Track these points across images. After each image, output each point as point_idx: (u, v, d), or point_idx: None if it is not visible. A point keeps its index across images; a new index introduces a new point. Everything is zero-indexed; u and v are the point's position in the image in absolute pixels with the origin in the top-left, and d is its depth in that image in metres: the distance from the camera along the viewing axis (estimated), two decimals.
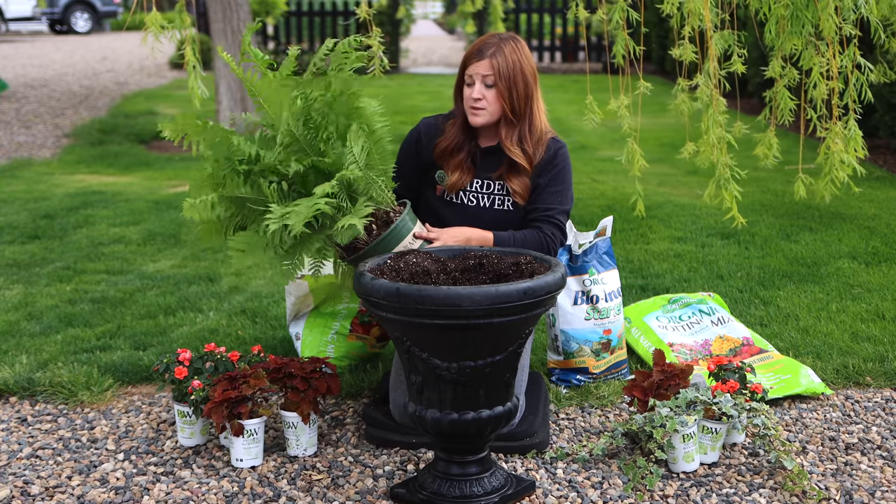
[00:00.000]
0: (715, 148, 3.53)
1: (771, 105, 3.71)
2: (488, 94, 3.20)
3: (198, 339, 4.00)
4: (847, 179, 3.53)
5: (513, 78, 3.18)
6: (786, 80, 3.64)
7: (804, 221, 5.85)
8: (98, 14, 27.04)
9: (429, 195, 3.35)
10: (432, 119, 3.41)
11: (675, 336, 3.79)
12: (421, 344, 2.65)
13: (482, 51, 3.19)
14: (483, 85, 3.19)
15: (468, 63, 3.22)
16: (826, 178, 3.58)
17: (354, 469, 3.04)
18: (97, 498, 2.86)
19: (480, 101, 3.19)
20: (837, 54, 3.49)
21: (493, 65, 3.17)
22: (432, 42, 24.92)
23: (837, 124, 3.57)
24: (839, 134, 3.55)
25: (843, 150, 3.55)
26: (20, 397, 3.56)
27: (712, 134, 3.54)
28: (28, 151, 8.94)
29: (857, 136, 3.56)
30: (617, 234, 5.65)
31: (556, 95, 12.74)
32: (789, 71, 3.62)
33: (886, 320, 4.18)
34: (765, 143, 3.71)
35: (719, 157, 3.55)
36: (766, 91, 3.76)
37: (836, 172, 3.57)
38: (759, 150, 3.73)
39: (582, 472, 3.00)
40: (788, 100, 3.64)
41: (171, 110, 11.25)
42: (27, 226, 5.97)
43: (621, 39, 3.62)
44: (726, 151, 3.55)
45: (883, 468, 3.03)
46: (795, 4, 3.39)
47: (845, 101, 3.55)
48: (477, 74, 3.20)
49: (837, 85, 3.51)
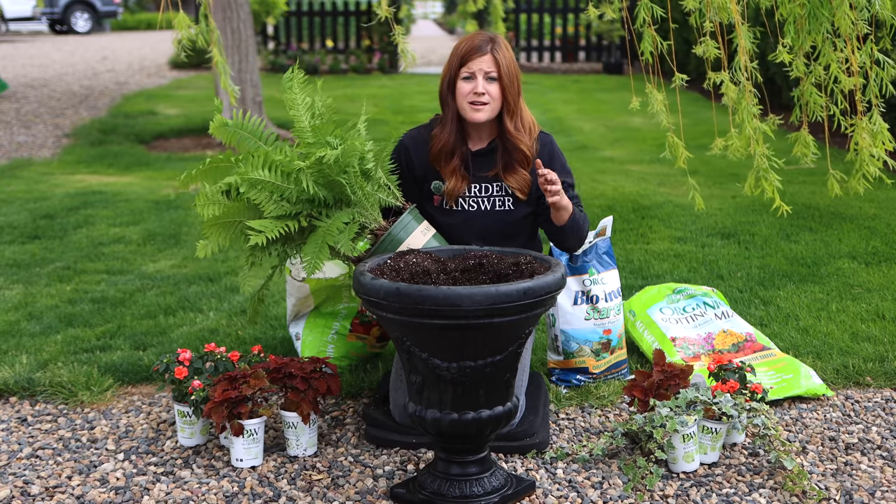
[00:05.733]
0: (752, 140, 3.53)
1: (800, 103, 3.70)
2: (491, 89, 3.20)
3: (198, 339, 4.00)
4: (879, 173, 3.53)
5: (511, 72, 3.22)
6: (811, 77, 3.64)
7: (804, 221, 5.85)
8: (98, 14, 27.05)
9: (427, 207, 3.34)
10: (415, 131, 3.40)
11: (679, 329, 3.79)
12: (421, 344, 2.65)
13: (481, 46, 3.19)
14: (485, 80, 3.20)
15: (468, 59, 3.20)
16: (858, 174, 3.58)
17: (354, 469, 3.04)
18: (97, 498, 2.86)
19: (484, 96, 3.20)
20: (856, 50, 3.49)
21: (497, 59, 3.18)
22: (432, 42, 24.92)
23: (863, 119, 3.57)
24: (866, 129, 3.55)
25: (871, 144, 3.55)
26: (20, 397, 3.56)
27: (748, 126, 3.53)
28: (28, 151, 8.94)
29: (882, 128, 3.56)
30: (617, 234, 5.65)
31: (556, 95, 12.74)
32: (815, 68, 3.62)
33: (886, 320, 4.18)
34: (801, 142, 3.70)
35: (756, 147, 3.54)
36: (794, 90, 3.76)
37: (867, 168, 3.57)
38: (797, 150, 3.73)
39: (582, 472, 3.00)
40: (817, 97, 3.63)
41: (171, 110, 11.25)
42: (27, 226, 5.97)
43: (648, 36, 3.60)
44: (762, 142, 3.55)
45: (883, 468, 3.03)
46: (812, 2, 3.40)
47: (868, 96, 3.55)
48: (479, 70, 3.19)
49: (859, 81, 3.51)
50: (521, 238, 3.34)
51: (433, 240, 3.12)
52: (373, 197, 3.03)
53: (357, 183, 2.97)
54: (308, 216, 2.99)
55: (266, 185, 2.92)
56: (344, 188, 2.95)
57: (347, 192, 2.96)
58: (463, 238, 3.26)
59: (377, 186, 3.07)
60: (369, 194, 3.02)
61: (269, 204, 2.93)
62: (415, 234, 3.07)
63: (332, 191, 2.97)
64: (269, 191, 2.93)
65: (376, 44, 16.26)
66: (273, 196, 2.94)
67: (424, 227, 3.12)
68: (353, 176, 2.95)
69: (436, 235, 3.13)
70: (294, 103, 3.12)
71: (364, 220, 3.03)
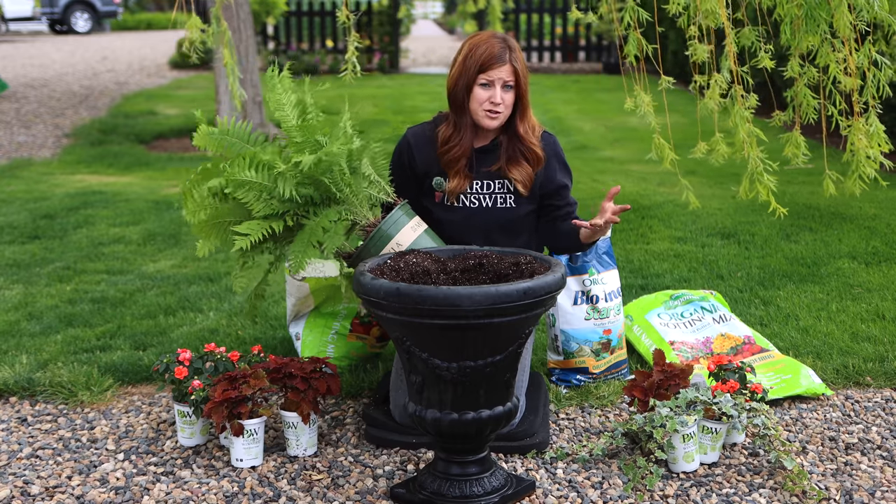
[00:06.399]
0: (745, 143, 3.54)
1: (793, 104, 3.71)
2: (507, 97, 3.21)
3: (198, 339, 4.00)
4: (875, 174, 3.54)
5: (526, 78, 3.25)
6: (805, 78, 3.64)
7: (804, 221, 5.85)
8: (98, 14, 27.05)
9: (428, 204, 3.33)
10: (418, 128, 3.39)
11: (677, 334, 3.79)
12: (421, 344, 2.65)
13: (500, 55, 3.19)
14: (502, 89, 3.21)
15: (488, 67, 3.18)
16: (854, 175, 3.59)
17: (354, 469, 3.04)
18: (97, 498, 2.86)
19: (500, 106, 3.21)
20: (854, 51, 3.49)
21: (516, 70, 3.20)
22: (432, 42, 24.92)
23: (860, 120, 3.57)
24: (862, 130, 3.55)
25: (867, 145, 3.56)
26: (20, 397, 3.56)
27: (741, 130, 3.54)
28: (28, 151, 8.94)
29: (878, 130, 3.56)
30: (617, 234, 5.66)
31: (556, 95, 12.74)
32: (808, 69, 3.62)
33: (886, 320, 4.18)
34: (792, 142, 3.70)
35: (750, 151, 3.55)
36: (787, 91, 3.76)
37: (863, 169, 3.57)
38: (788, 151, 3.73)
39: (582, 472, 3.01)
40: (811, 98, 3.63)
41: (171, 110, 11.25)
42: (27, 226, 5.97)
43: (633, 39, 3.61)
44: (755, 145, 3.56)
45: (883, 468, 3.03)
46: (809, 3, 3.40)
47: (865, 97, 3.55)
48: (499, 79, 3.19)
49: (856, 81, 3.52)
50: (524, 235, 3.34)
51: (425, 234, 3.11)
52: (362, 193, 3.04)
53: (343, 181, 2.98)
54: (295, 215, 3.00)
55: (253, 185, 2.93)
56: (329, 187, 2.95)
57: (333, 191, 2.97)
58: (464, 235, 3.26)
59: (367, 183, 3.06)
60: (357, 191, 3.02)
61: (257, 203, 2.94)
62: (405, 230, 3.07)
63: (318, 189, 2.97)
64: (256, 190, 2.94)
65: (376, 44, 16.26)
66: (262, 195, 2.94)
67: (415, 223, 3.11)
68: (338, 174, 2.95)
69: (427, 231, 3.13)
70: (279, 104, 3.12)
71: (354, 216, 3.03)
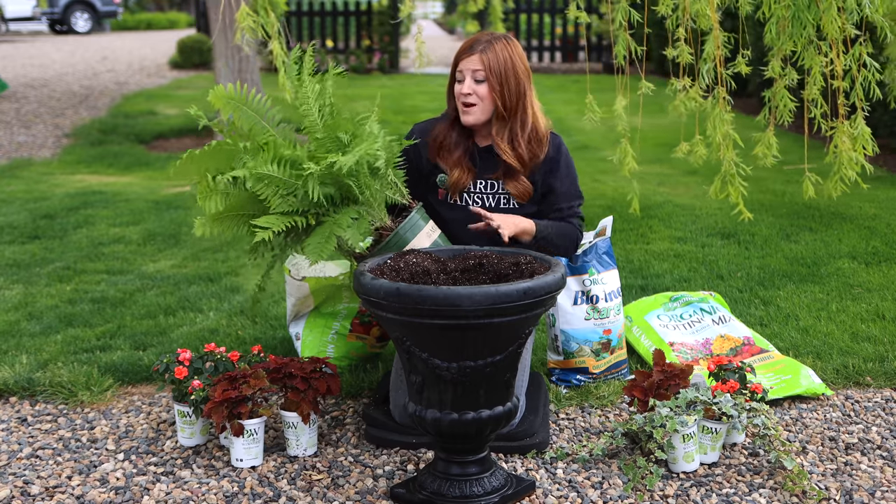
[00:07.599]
0: (721, 145, 3.55)
1: (770, 105, 3.71)
2: (479, 89, 3.17)
3: (198, 339, 4.00)
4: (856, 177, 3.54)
5: (504, 74, 3.16)
6: (785, 80, 3.64)
7: (804, 221, 5.85)
8: (98, 14, 27.05)
9: (432, 201, 3.33)
10: (425, 123, 3.38)
11: (676, 335, 3.79)
12: (421, 344, 2.65)
13: (472, 46, 3.17)
14: (473, 80, 3.17)
15: (459, 59, 3.20)
16: (835, 177, 3.59)
17: (354, 469, 3.04)
18: (97, 498, 2.86)
19: (471, 97, 3.16)
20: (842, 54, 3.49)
21: (483, 60, 3.14)
22: (432, 42, 24.90)
23: (845, 123, 3.57)
24: (846, 132, 3.56)
25: (850, 148, 3.56)
26: (20, 397, 3.56)
27: (718, 132, 3.55)
28: (28, 151, 8.94)
29: (864, 133, 3.57)
30: (617, 234, 5.65)
31: (556, 95, 12.73)
32: (789, 71, 3.62)
33: (886, 320, 4.18)
34: (764, 142, 3.72)
35: (725, 153, 3.56)
36: (766, 91, 3.75)
37: (844, 171, 3.58)
38: (759, 150, 3.74)
39: (582, 472, 3.00)
40: (788, 100, 3.64)
41: (171, 110, 11.25)
42: (27, 226, 5.97)
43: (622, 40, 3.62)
44: (732, 148, 3.57)
45: (883, 468, 3.03)
46: (797, 5, 3.40)
47: (852, 99, 3.55)
48: (467, 70, 3.17)
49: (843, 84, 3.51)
50: None
51: (438, 240, 3.10)
52: (380, 195, 3.00)
53: (366, 183, 2.94)
54: (315, 214, 2.96)
55: (273, 181, 2.88)
56: (352, 188, 2.93)
57: (355, 192, 2.94)
58: (466, 233, 3.25)
59: (385, 185, 3.04)
60: (377, 193, 2.99)
61: (275, 199, 2.89)
62: (420, 235, 3.05)
63: (339, 189, 2.94)
64: (276, 185, 2.89)
65: (376, 44, 16.26)
66: (279, 191, 2.89)
67: (430, 228, 3.09)
68: (362, 177, 2.92)
69: (441, 236, 3.12)
70: (305, 97, 3.06)
71: (370, 217, 3.00)
